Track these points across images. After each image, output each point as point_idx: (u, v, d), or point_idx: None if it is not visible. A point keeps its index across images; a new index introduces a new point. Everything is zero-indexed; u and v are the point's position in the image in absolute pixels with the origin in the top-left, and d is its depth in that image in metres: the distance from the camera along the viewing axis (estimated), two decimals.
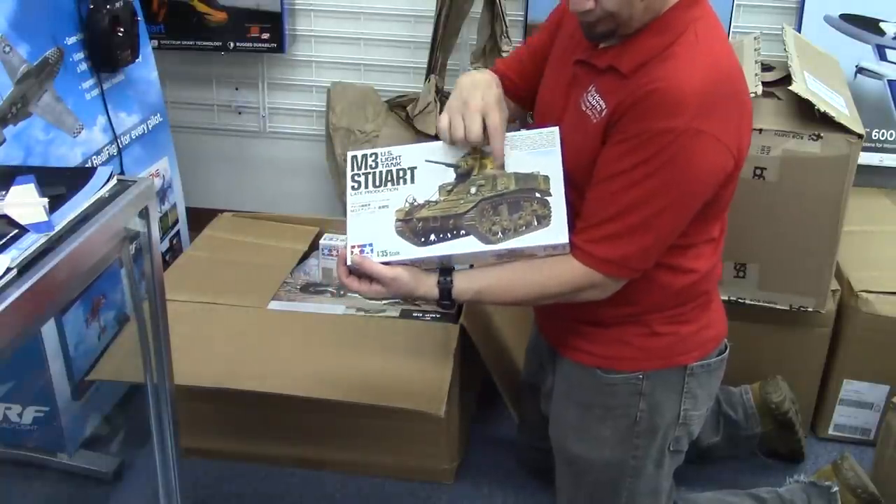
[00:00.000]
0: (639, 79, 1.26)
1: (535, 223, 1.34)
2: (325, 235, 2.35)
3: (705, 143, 1.23)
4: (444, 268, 1.40)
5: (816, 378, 2.20)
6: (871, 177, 2.61)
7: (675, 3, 1.29)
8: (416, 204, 1.38)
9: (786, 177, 1.92)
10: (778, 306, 2.05)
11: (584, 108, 1.34)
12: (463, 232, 1.37)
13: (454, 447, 2.10)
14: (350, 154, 1.42)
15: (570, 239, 1.33)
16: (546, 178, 1.36)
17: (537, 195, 1.35)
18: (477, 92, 1.40)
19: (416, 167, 1.39)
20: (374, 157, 1.41)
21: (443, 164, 1.39)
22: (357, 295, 1.44)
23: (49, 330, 1.98)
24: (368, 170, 1.39)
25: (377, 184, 1.38)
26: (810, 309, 2.05)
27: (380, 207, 1.37)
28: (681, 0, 1.29)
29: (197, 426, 2.09)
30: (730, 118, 1.26)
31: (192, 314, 2.05)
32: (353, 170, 1.40)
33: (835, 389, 2.20)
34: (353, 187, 1.39)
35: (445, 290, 1.39)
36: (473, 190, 1.37)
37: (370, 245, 1.37)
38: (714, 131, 1.23)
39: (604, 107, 1.30)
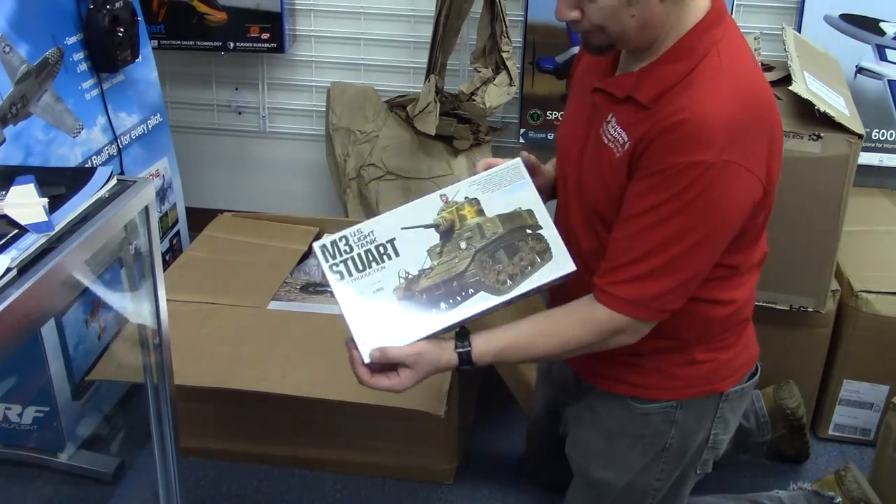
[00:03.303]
0: (661, 109, 1.19)
1: (539, 260, 1.32)
2: (325, 235, 2.35)
3: (734, 174, 1.17)
4: (460, 332, 1.32)
5: (816, 378, 2.20)
6: (871, 177, 2.61)
7: (694, 25, 1.22)
8: (410, 277, 1.29)
9: (786, 177, 1.90)
10: (778, 306, 2.05)
11: (605, 141, 1.28)
12: (471, 290, 1.30)
13: (454, 447, 2.10)
14: (317, 245, 1.29)
15: (594, 281, 1.30)
16: (530, 213, 1.33)
17: (528, 231, 1.32)
18: None
19: (394, 238, 1.30)
20: (343, 240, 1.29)
21: (420, 226, 1.31)
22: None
23: (49, 330, 1.98)
24: (344, 255, 1.28)
25: (360, 268, 1.27)
26: (810, 309, 2.05)
27: (374, 292, 1.26)
28: (701, 21, 1.22)
29: (197, 426, 2.09)
30: (759, 144, 1.21)
31: (192, 314, 2.05)
32: (327, 261, 1.28)
33: (835, 389, 2.20)
34: (336, 279, 1.26)
35: (465, 357, 1.30)
36: (463, 245, 1.31)
37: (386, 332, 1.27)
38: (742, 161, 1.17)
39: (626, 139, 1.24)
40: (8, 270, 1.05)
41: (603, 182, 1.29)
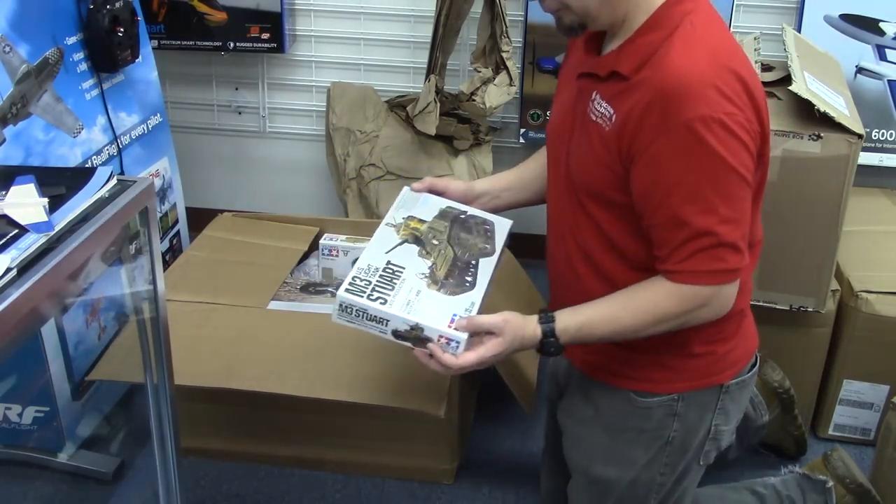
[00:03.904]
0: (643, 79, 1.23)
1: (487, 226, 1.51)
2: (325, 235, 2.35)
3: (731, 120, 1.20)
4: (541, 310, 1.37)
5: (816, 378, 2.20)
6: (871, 177, 2.61)
7: (664, 1, 1.27)
8: (427, 274, 1.39)
9: (786, 177, 1.92)
10: (778, 306, 2.05)
11: (593, 118, 1.30)
12: (473, 262, 1.43)
13: (454, 447, 2.10)
14: (342, 295, 1.32)
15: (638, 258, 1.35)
16: (450, 206, 1.52)
17: (462, 215, 1.52)
18: None
19: (388, 261, 1.39)
20: (356, 280, 1.34)
21: (397, 246, 1.42)
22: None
23: (49, 330, 1.98)
24: (369, 287, 1.33)
25: (390, 288, 1.34)
26: (810, 309, 2.05)
27: (417, 295, 1.34)
28: None
29: (197, 426, 2.09)
30: (742, 93, 1.23)
31: (192, 314, 2.05)
32: (362, 296, 1.32)
33: (835, 389, 2.20)
34: (381, 303, 1.32)
35: (549, 330, 1.32)
36: (436, 242, 1.44)
37: (454, 314, 1.33)
38: (734, 109, 1.20)
39: (612, 112, 1.27)
40: (8, 270, 1.05)
41: (595, 157, 1.31)
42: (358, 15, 2.84)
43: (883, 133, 2.65)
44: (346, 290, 1.32)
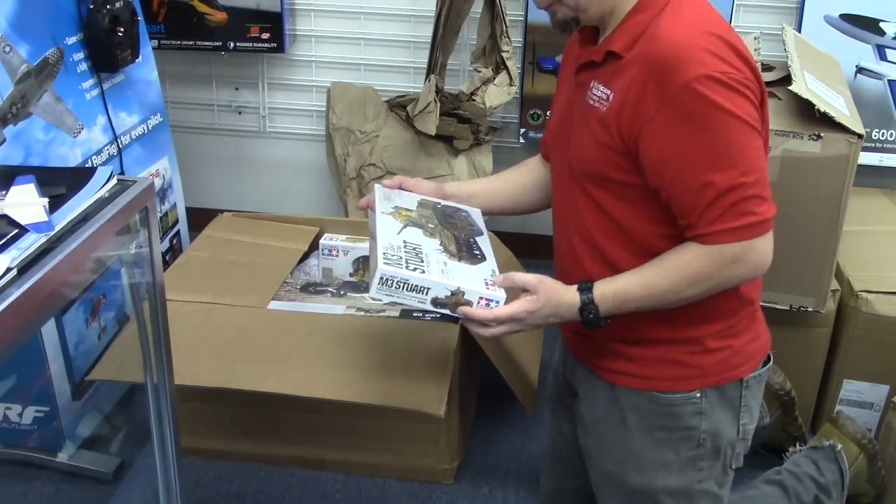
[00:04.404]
0: (636, 55, 1.26)
1: (464, 213, 1.56)
2: (325, 235, 2.35)
3: (729, 78, 1.21)
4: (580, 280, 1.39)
5: (816, 378, 2.20)
6: (871, 177, 2.61)
7: None
8: (443, 250, 1.43)
9: (786, 177, 1.92)
10: (778, 306, 2.05)
11: (591, 103, 1.32)
12: (471, 240, 1.48)
13: (454, 447, 2.10)
14: (382, 268, 1.33)
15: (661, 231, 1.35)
16: (424, 199, 1.55)
17: (438, 205, 1.55)
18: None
19: (404, 240, 1.43)
20: (388, 255, 1.36)
21: (403, 228, 1.45)
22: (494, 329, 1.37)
23: (49, 330, 1.98)
24: (402, 260, 1.36)
25: (420, 261, 1.38)
26: (810, 309, 2.05)
27: (445, 265, 1.39)
28: None
29: (197, 426, 2.09)
30: (734, 55, 1.25)
31: (192, 314, 2.05)
32: (401, 267, 1.34)
33: (835, 389, 2.20)
34: (421, 272, 1.35)
35: (588, 297, 1.33)
36: (431, 225, 1.48)
37: (485, 279, 1.38)
38: (727, 67, 1.22)
39: (609, 93, 1.29)
40: (8, 270, 1.05)
41: (594, 139, 1.31)
42: (358, 15, 2.84)
43: (883, 133, 2.65)
44: (385, 262, 1.34)
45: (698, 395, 1.41)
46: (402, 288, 1.34)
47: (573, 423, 1.59)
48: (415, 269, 1.35)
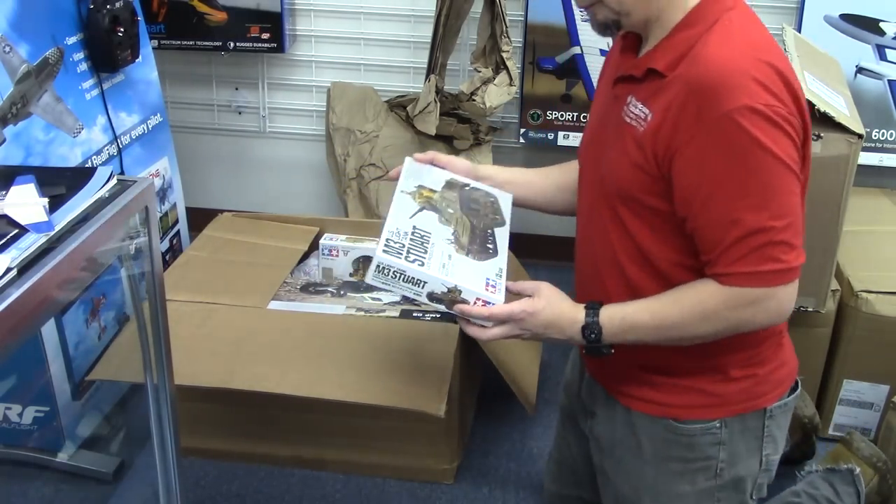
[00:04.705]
0: (680, 75, 1.18)
1: (493, 200, 1.50)
2: (325, 235, 2.35)
3: (773, 112, 1.15)
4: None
5: (816, 378, 2.20)
6: (871, 177, 2.61)
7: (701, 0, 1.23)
8: (453, 240, 1.38)
9: None
10: None
11: (627, 121, 1.25)
12: (489, 231, 1.43)
13: (454, 447, 2.10)
14: (379, 256, 1.29)
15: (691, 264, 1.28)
16: (453, 178, 1.50)
17: (466, 187, 1.50)
18: None
19: (414, 226, 1.38)
20: (391, 241, 1.32)
21: (417, 212, 1.41)
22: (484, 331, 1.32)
23: (49, 330, 1.98)
24: (404, 250, 1.32)
25: (423, 251, 1.33)
26: (810, 309, 2.05)
27: (448, 258, 1.34)
28: None
29: (197, 426, 2.09)
30: (783, 87, 1.18)
31: (192, 314, 2.05)
32: (399, 257, 1.30)
33: (835, 389, 2.20)
34: (419, 264, 1.30)
35: (593, 317, 1.27)
36: (451, 210, 1.43)
37: (487, 278, 1.32)
38: (773, 100, 1.15)
39: (647, 112, 1.22)
40: (8, 270, 1.05)
41: (628, 159, 1.25)
42: (358, 15, 2.84)
43: (883, 133, 2.65)
44: (384, 250, 1.29)
45: (718, 424, 1.35)
46: (399, 278, 1.30)
47: (582, 440, 1.54)
48: (414, 261, 1.30)
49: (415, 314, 2.07)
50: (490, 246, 1.40)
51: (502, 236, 1.43)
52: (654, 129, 1.20)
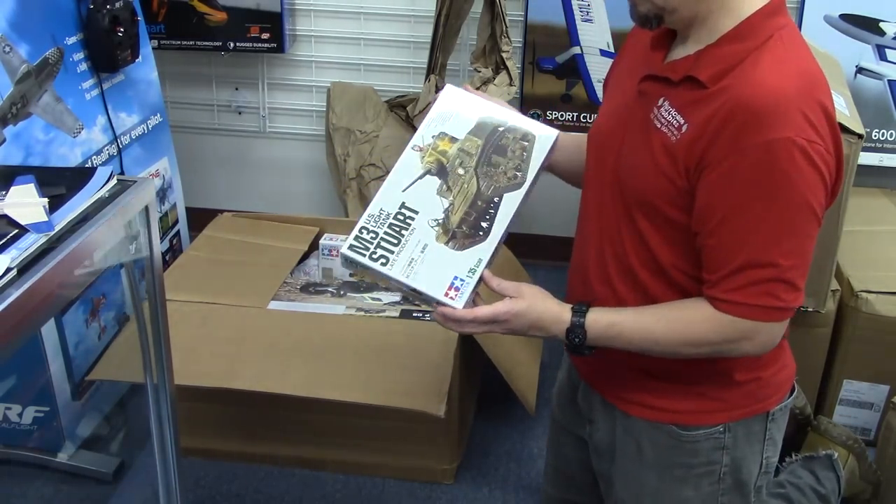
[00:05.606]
0: (724, 89, 1.14)
1: (527, 143, 1.37)
2: (325, 235, 2.35)
3: (812, 148, 1.12)
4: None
5: (816, 378, 2.20)
6: (871, 177, 2.61)
7: (757, 10, 1.18)
8: (441, 220, 1.32)
9: None
10: None
11: (657, 125, 1.21)
12: (496, 199, 1.34)
13: (454, 447, 2.10)
14: (345, 251, 1.30)
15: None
16: (490, 118, 1.39)
17: (501, 129, 1.37)
18: None
19: (403, 202, 1.34)
20: (364, 231, 1.32)
21: (417, 179, 1.35)
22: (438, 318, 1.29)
23: (49, 330, 1.98)
24: (373, 242, 1.30)
25: (395, 241, 1.30)
26: (810, 309, 2.05)
27: (422, 252, 1.29)
28: (765, 6, 1.18)
29: (197, 426, 2.09)
30: (825, 121, 1.16)
31: (192, 314, 2.05)
32: (363, 255, 1.30)
33: (835, 389, 2.20)
34: (382, 263, 1.29)
35: (578, 319, 1.25)
36: (461, 171, 1.35)
37: (455, 277, 1.27)
38: (816, 137, 1.12)
39: (683, 122, 1.17)
40: (8, 270, 1.05)
41: (655, 167, 1.21)
42: (358, 15, 2.84)
43: (883, 133, 2.65)
44: (350, 246, 1.30)
45: (721, 429, 1.34)
46: (366, 273, 1.30)
47: (579, 446, 1.53)
48: (378, 258, 1.28)
49: (415, 314, 2.07)
50: (484, 224, 1.32)
51: (510, 203, 1.33)
52: (689, 141, 1.16)
